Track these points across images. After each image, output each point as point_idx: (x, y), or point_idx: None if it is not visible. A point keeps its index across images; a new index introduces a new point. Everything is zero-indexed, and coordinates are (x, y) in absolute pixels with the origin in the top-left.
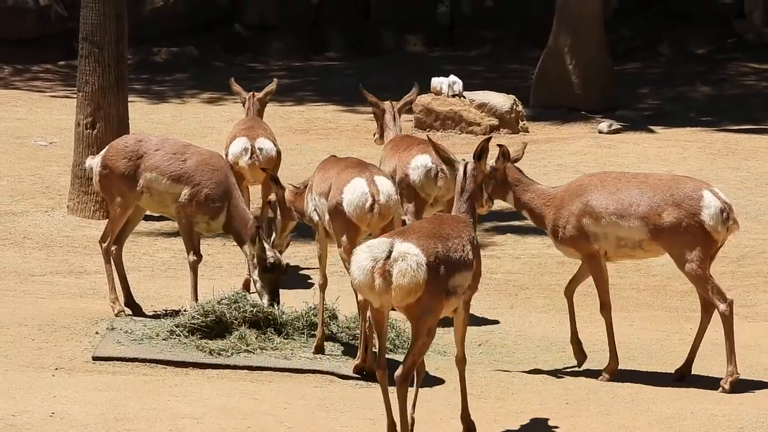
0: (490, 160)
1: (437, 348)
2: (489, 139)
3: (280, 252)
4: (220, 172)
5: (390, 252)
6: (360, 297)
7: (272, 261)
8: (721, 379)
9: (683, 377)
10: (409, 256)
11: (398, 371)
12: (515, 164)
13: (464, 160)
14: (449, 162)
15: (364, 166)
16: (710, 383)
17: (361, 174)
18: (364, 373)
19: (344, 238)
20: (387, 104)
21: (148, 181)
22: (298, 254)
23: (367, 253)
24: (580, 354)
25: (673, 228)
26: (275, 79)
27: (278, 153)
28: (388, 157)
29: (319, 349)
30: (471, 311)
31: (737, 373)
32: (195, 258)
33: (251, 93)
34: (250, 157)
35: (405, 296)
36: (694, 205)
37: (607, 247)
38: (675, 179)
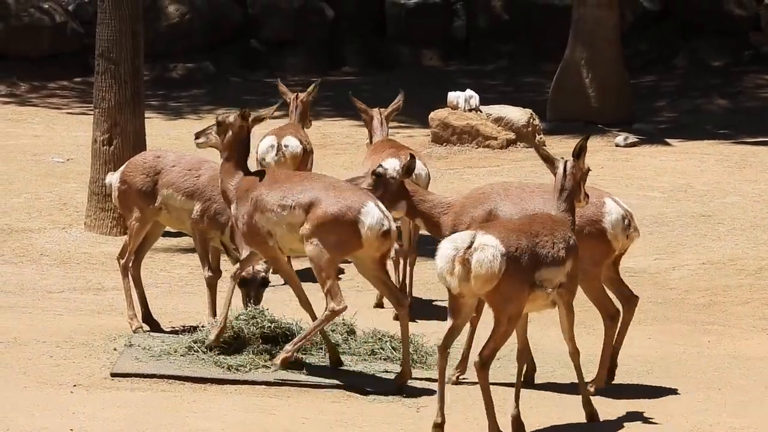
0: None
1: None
2: (587, 137)
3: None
4: None
5: (472, 242)
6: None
7: (245, 276)
8: (742, 393)
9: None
10: (487, 248)
11: (477, 358)
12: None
13: (563, 158)
14: (549, 160)
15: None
16: (729, 396)
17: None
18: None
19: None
20: (375, 111)
21: (165, 198)
22: None
23: (450, 242)
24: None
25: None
26: (318, 80)
27: (305, 150)
28: (366, 159)
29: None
30: (489, 324)
31: (602, 385)
32: (211, 274)
33: (295, 94)
34: (276, 154)
35: (483, 285)
36: (596, 212)
37: None
38: None
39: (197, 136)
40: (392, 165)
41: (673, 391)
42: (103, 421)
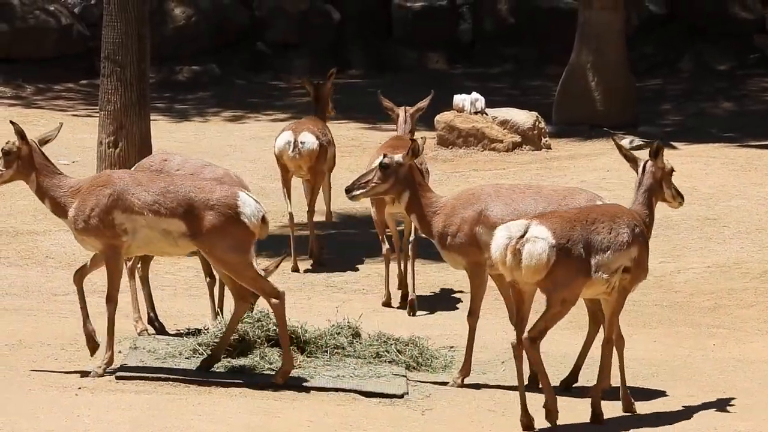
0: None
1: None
2: (661, 139)
3: (267, 272)
4: None
5: (525, 232)
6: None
7: None
8: (747, 396)
9: (569, 387)
10: (538, 240)
11: (526, 334)
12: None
13: (646, 159)
14: (632, 160)
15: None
16: (734, 399)
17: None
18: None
19: None
20: (401, 109)
21: None
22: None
23: (505, 231)
24: None
25: None
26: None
27: (321, 146)
28: (374, 153)
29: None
30: (500, 326)
31: (610, 384)
32: (210, 280)
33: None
34: (293, 151)
35: (532, 275)
36: None
37: None
38: (568, 190)
39: None
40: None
41: (678, 394)
42: (107, 424)
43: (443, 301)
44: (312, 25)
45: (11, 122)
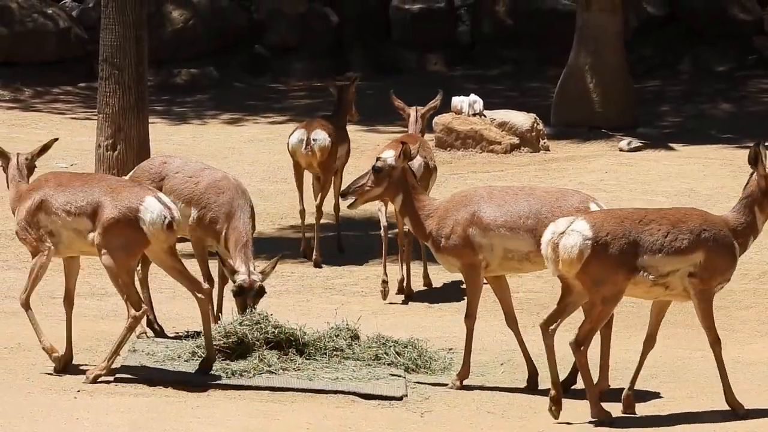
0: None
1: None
2: (759, 143)
3: (264, 274)
4: (225, 195)
5: (567, 227)
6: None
7: (239, 284)
8: (746, 397)
9: (567, 389)
10: (573, 233)
11: (573, 338)
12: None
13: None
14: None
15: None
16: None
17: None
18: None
19: None
20: (412, 109)
21: None
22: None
23: (552, 226)
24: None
25: None
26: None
27: (333, 143)
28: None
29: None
30: (498, 328)
31: (608, 385)
32: (207, 285)
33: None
34: (305, 148)
35: (568, 268)
36: None
37: (491, 258)
38: (561, 192)
39: None
40: (387, 156)
41: (677, 396)
42: (106, 427)
43: (442, 302)
44: (310, 27)
45: None
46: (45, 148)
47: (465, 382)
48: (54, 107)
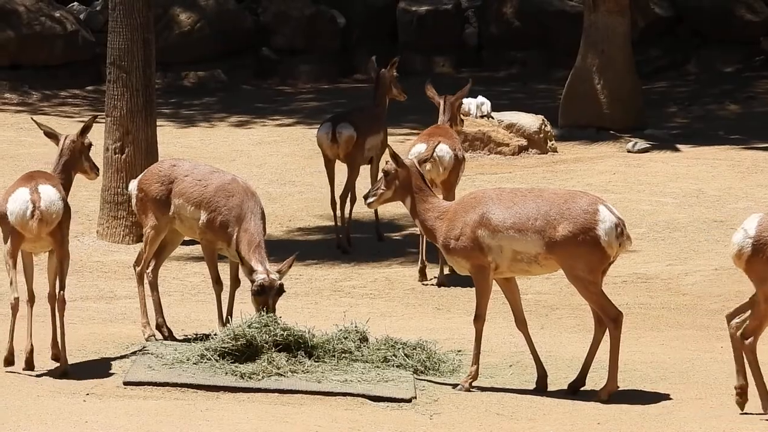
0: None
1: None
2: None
3: (281, 273)
4: (235, 198)
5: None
6: None
7: (260, 283)
8: (755, 398)
9: (576, 391)
10: (741, 230)
11: (740, 334)
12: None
13: None
14: None
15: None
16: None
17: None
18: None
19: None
20: (442, 98)
21: (177, 208)
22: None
23: (741, 228)
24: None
25: (567, 242)
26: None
27: (353, 137)
28: (414, 142)
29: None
30: (507, 330)
31: (617, 387)
32: (218, 287)
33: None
34: (331, 140)
35: (736, 263)
36: (590, 220)
37: (500, 260)
38: (570, 194)
39: None
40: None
41: (686, 397)
42: (116, 430)
43: (450, 304)
44: (317, 30)
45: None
46: (87, 128)
47: (474, 384)
48: (61, 110)
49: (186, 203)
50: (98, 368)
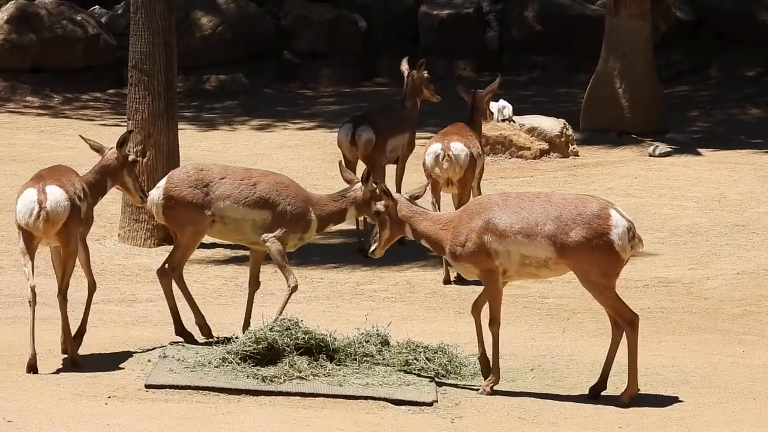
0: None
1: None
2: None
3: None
4: (291, 187)
5: None
6: None
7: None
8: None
9: (597, 395)
10: None
11: None
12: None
13: None
14: None
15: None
16: (764, 407)
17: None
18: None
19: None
20: (471, 93)
21: (221, 210)
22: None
23: None
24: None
25: (580, 247)
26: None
27: (372, 139)
28: (431, 142)
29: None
30: (528, 333)
31: (638, 389)
32: (296, 282)
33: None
34: (350, 143)
35: None
36: (603, 224)
37: (508, 265)
38: (579, 198)
39: None
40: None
41: (707, 401)
42: None
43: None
44: (339, 33)
45: None
46: (124, 141)
47: (495, 388)
48: (83, 114)
49: (235, 204)
50: (120, 371)
